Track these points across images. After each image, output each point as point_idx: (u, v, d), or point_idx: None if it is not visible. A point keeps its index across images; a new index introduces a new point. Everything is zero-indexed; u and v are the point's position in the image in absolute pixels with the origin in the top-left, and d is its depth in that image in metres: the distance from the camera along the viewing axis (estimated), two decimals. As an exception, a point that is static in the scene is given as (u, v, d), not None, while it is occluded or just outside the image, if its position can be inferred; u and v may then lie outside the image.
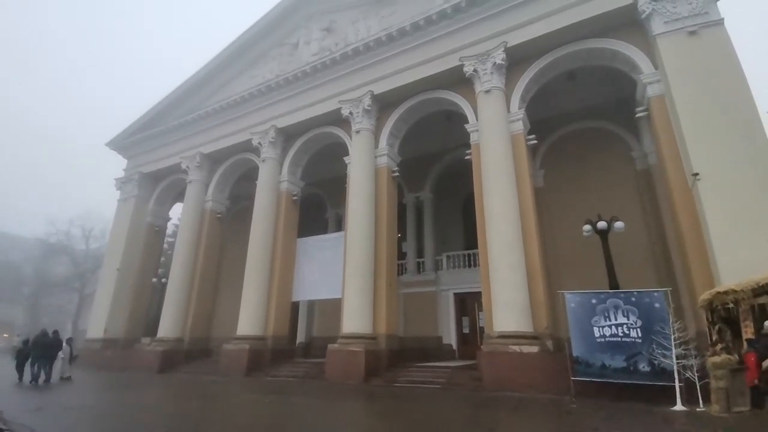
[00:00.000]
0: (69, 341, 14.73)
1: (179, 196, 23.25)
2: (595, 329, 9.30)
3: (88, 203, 61.34)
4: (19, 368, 13.59)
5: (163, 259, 26.65)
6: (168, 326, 18.39)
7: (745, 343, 7.45)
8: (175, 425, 7.46)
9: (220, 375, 15.19)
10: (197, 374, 15.95)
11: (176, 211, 25.83)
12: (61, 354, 13.95)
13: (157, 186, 23.42)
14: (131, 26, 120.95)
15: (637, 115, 13.00)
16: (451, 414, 8.43)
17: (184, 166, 21.04)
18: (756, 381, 6.94)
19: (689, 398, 7.90)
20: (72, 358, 14.07)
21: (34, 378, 13.05)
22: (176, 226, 27.05)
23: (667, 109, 11.27)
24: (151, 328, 19.98)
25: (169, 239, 31.05)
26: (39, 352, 13.44)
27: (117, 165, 25.82)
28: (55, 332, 14.58)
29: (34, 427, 6.24)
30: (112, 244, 23.20)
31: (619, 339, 9.00)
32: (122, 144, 24.16)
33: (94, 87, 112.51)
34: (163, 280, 20.37)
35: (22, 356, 13.74)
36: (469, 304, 18.10)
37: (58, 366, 14.03)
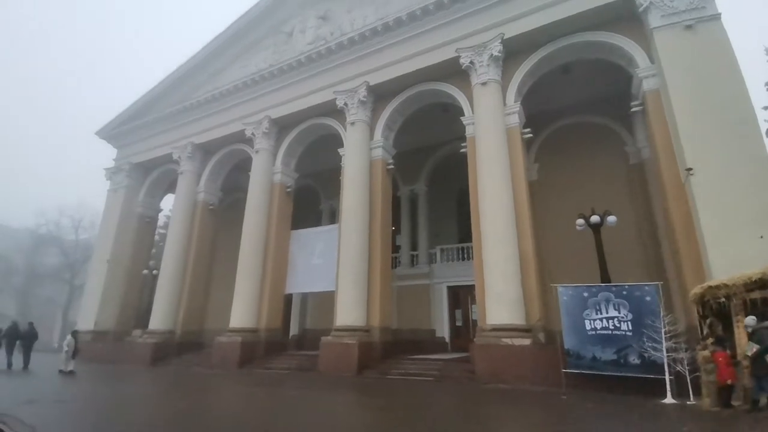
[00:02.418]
0: (74, 334, 14.54)
1: (170, 187, 22.92)
2: (587, 322, 9.39)
3: (79, 194, 60.30)
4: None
5: (154, 250, 26.36)
6: (159, 318, 18.24)
7: (709, 341, 7.45)
8: (167, 417, 7.40)
9: (212, 368, 15.13)
10: (189, 367, 15.88)
11: (168, 202, 25.50)
12: (65, 347, 13.90)
13: (148, 176, 23.06)
14: (124, 13, 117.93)
15: (632, 110, 13.00)
16: (443, 406, 8.47)
17: (175, 157, 20.71)
18: (729, 381, 6.90)
19: (680, 392, 8.00)
20: (75, 352, 13.84)
21: (8, 365, 13.97)
22: (168, 217, 26.71)
23: (662, 103, 11.26)
24: (142, 320, 19.80)
25: (161, 230, 30.72)
26: (11, 341, 14.59)
27: (108, 155, 25.32)
28: (30, 324, 15.21)
29: (26, 420, 6.10)
30: (101, 235, 22.88)
31: (610, 332, 9.09)
32: (112, 133, 23.71)
33: (86, 75, 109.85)
34: (155, 271, 20.15)
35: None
36: (462, 297, 18.19)
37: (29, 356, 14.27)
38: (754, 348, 6.53)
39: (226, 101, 19.74)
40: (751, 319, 6.89)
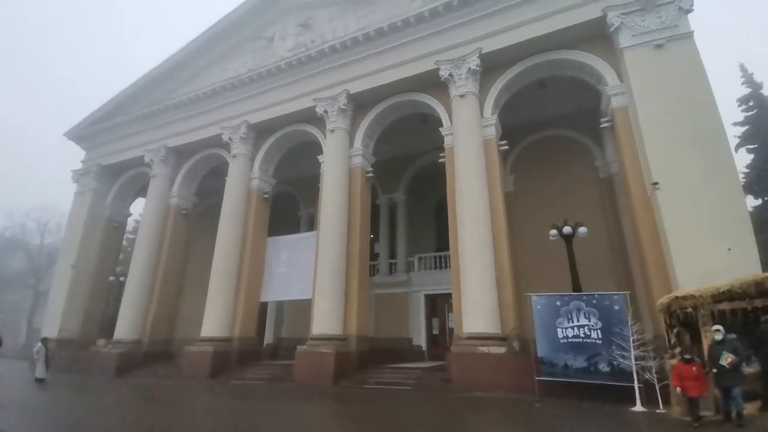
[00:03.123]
0: (44, 341, 14.07)
1: (141, 191, 22.15)
2: (559, 330, 9.62)
3: (45, 196, 57.15)
4: None
5: (122, 256, 25.35)
6: (126, 327, 17.47)
7: (677, 350, 7.47)
8: (128, 430, 7.06)
9: (181, 379, 14.57)
10: (157, 378, 15.22)
11: (137, 206, 24.60)
12: (35, 354, 13.44)
13: (117, 179, 22.23)
14: (98, 10, 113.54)
15: (601, 126, 13.57)
16: (419, 415, 8.46)
17: (147, 159, 20.07)
18: (699, 394, 6.65)
19: (649, 400, 8.19)
20: (47, 360, 13.41)
21: None
22: (137, 222, 25.76)
23: (630, 120, 11.78)
24: (108, 328, 18.91)
25: (129, 236, 29.61)
26: None
27: (77, 157, 24.22)
28: None
29: None
30: (67, 240, 21.82)
31: (581, 340, 9.34)
32: (81, 134, 22.77)
33: (56, 73, 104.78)
34: (122, 278, 19.35)
35: None
36: (439, 306, 18.30)
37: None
38: (729, 357, 6.45)
39: (203, 104, 19.34)
40: (718, 329, 6.92)
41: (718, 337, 6.85)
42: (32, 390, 11.65)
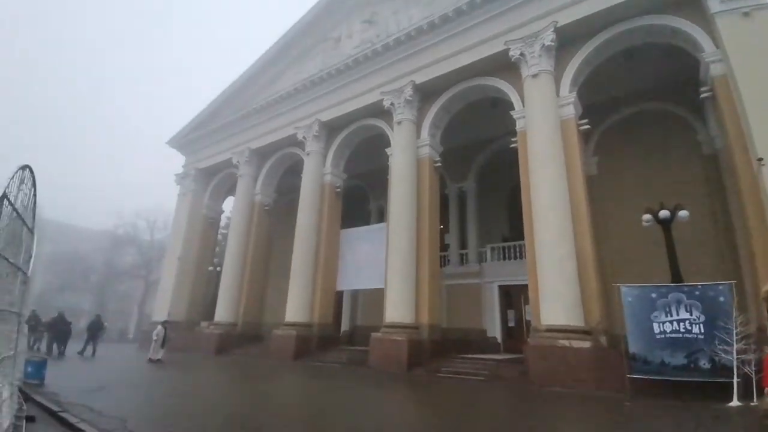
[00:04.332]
0: (165, 324, 15.95)
1: (231, 190, 24.59)
2: (655, 325, 8.72)
3: (154, 197, 66.22)
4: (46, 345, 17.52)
5: (217, 249, 28.36)
6: (223, 311, 19.65)
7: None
8: (231, 402, 8.01)
9: (270, 358, 16.02)
10: (250, 357, 16.94)
11: (229, 204, 27.35)
12: (154, 336, 15.18)
13: (211, 181, 24.92)
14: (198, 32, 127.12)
15: (701, 96, 11.85)
16: (493, 406, 8.32)
17: (234, 161, 22.19)
18: None
19: (746, 393, 7.42)
20: (164, 342, 15.10)
21: (56, 353, 16.60)
22: (229, 218, 28.61)
23: (731, 90, 10.21)
24: (209, 312, 21.42)
25: (222, 231, 32.91)
26: (54, 333, 17.20)
27: (179, 162, 27.65)
28: (98, 316, 18.50)
29: (96, 407, 6.35)
30: (173, 235, 25.08)
31: (681, 335, 8.39)
32: (180, 142, 25.90)
33: (165, 87, 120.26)
34: (218, 268, 21.75)
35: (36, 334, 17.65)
36: (514, 297, 17.59)
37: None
38: None
39: (279, 107, 20.79)
40: None
41: None
42: (146, 369, 13.40)
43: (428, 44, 15.71)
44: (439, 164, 16.15)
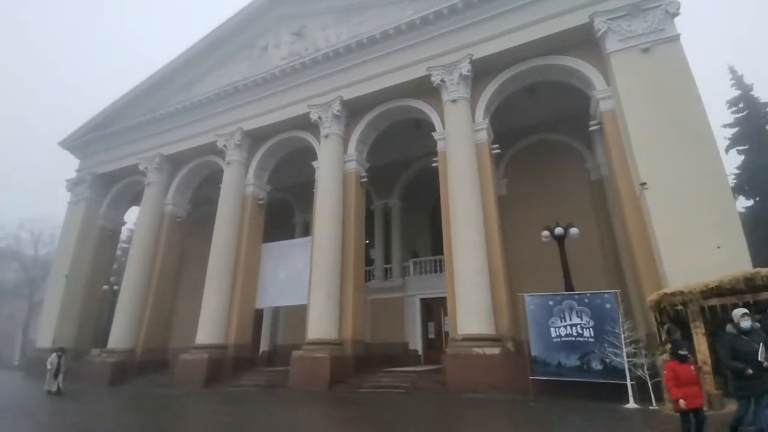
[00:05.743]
0: (60, 351, 13.78)
1: (135, 200, 22.14)
2: (552, 330, 9.70)
3: (39, 207, 56.77)
4: None
5: (115, 265, 25.18)
6: (119, 336, 17.33)
7: (668, 347, 6.33)
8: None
9: (176, 387, 14.44)
10: (152, 387, 15.09)
11: (131, 214, 24.52)
12: (48, 365, 13.17)
13: (111, 188, 22.24)
14: (98, 20, 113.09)
15: (590, 129, 13.79)
16: (412, 417, 8.46)
17: (142, 168, 20.10)
18: (692, 406, 4.70)
19: (642, 396, 8.27)
20: (57, 371, 13.12)
21: None
22: (131, 230, 25.69)
23: (618, 122, 12.00)
24: (102, 337, 18.74)
25: (123, 245, 29.45)
26: None
27: (70, 166, 24.19)
28: None
29: None
30: (61, 249, 21.72)
31: (574, 338, 9.43)
32: (75, 143, 22.79)
33: (51, 80, 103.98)
34: (115, 287, 19.24)
35: None
36: (435, 310, 18.28)
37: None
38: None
39: (198, 112, 19.47)
40: (744, 312, 5.12)
41: (746, 324, 4.91)
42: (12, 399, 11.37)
43: (356, 62, 16.08)
44: (366, 180, 16.40)
